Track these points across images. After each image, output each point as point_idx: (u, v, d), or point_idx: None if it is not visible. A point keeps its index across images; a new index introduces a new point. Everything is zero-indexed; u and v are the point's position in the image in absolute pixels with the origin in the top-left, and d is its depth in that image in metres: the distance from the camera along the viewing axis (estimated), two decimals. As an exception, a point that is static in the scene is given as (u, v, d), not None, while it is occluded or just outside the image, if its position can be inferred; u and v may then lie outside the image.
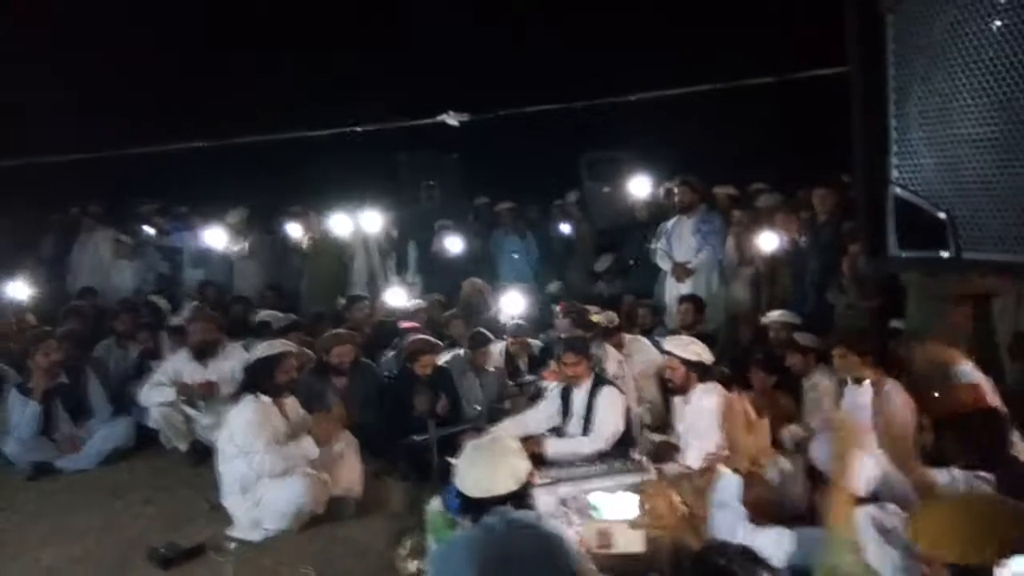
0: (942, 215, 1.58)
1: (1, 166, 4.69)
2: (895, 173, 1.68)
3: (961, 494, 2.78)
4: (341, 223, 8.34)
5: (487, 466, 2.73)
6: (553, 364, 5.14)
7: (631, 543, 3.42)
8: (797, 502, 3.24)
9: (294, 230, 8.67)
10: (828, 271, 6.23)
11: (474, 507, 2.71)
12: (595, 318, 5.47)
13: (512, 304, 6.64)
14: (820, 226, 6.52)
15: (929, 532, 2.04)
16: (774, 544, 2.73)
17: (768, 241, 6.75)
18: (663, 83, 4.67)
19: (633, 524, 3.37)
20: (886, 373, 4.28)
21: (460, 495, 2.77)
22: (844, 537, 2.42)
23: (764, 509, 3.21)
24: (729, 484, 3.05)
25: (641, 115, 7.70)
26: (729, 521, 2.98)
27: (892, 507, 2.72)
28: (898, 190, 1.66)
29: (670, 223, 7.26)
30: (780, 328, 5.73)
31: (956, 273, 1.88)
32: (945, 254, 1.58)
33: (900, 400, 4.12)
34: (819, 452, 3.12)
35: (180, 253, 9.10)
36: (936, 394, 3.55)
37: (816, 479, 3.06)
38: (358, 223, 8.42)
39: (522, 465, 2.78)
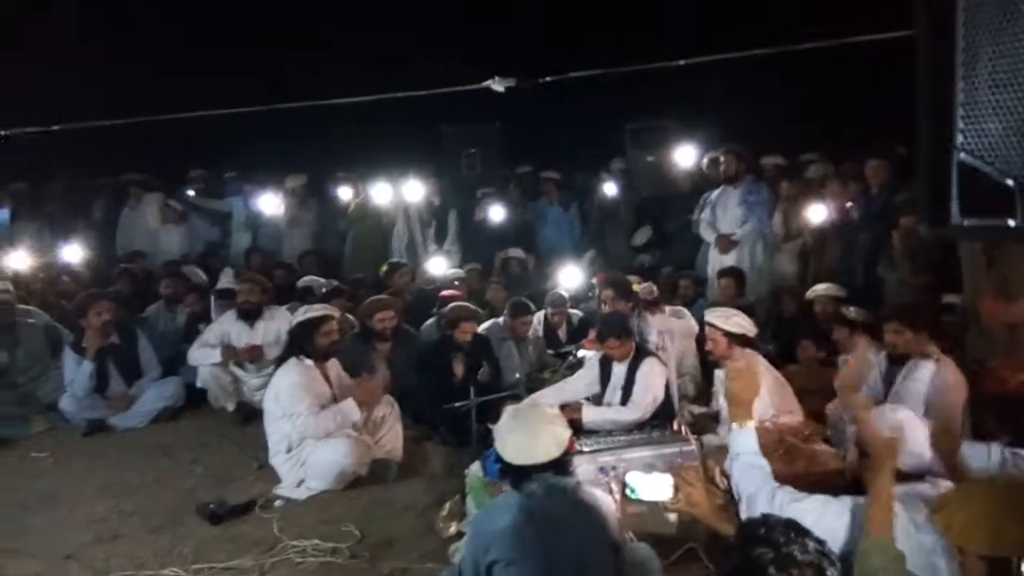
0: (1010, 182, 1.51)
1: (52, 130, 4.79)
2: (960, 138, 1.61)
3: (992, 479, 2.65)
4: (383, 192, 8.41)
5: (529, 433, 2.73)
6: (592, 333, 5.13)
7: (663, 526, 3.43)
8: (849, 473, 3.19)
9: (344, 193, 8.79)
10: (879, 244, 6.07)
11: (515, 473, 2.72)
12: (634, 288, 5.43)
13: (570, 278, 6.62)
14: (872, 198, 6.35)
15: (958, 520, 1.92)
16: (816, 514, 2.65)
17: (817, 213, 6.60)
18: (709, 49, 4.54)
19: (667, 508, 3.36)
20: (939, 348, 4.18)
21: (501, 461, 2.78)
22: (882, 541, 2.31)
23: (803, 480, 3.18)
24: (743, 438, 2.92)
25: (687, 83, 7.52)
26: (751, 476, 2.87)
27: (945, 484, 2.65)
28: (963, 156, 1.60)
29: (714, 193, 7.13)
30: (827, 302, 5.63)
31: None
32: (1012, 222, 1.52)
33: (952, 378, 4.03)
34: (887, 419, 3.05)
35: (230, 218, 9.27)
36: (990, 370, 3.47)
37: (865, 452, 3.00)
38: (399, 191, 8.47)
39: (563, 432, 2.78)
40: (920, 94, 1.68)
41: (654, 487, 3.44)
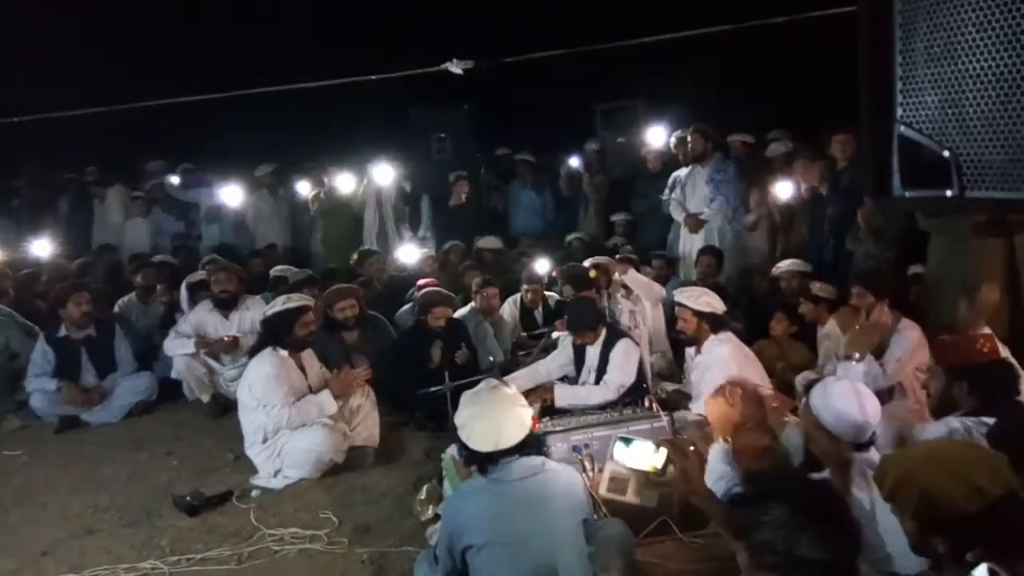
0: (946, 153, 1.55)
1: (17, 122, 4.72)
2: (900, 111, 1.64)
3: (929, 442, 2.61)
4: (348, 183, 8.38)
5: (494, 419, 2.70)
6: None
7: (644, 497, 3.46)
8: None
9: (303, 188, 8.75)
10: (847, 218, 6.14)
11: (482, 459, 2.71)
12: (592, 273, 5.45)
13: (541, 266, 6.65)
14: (839, 173, 6.41)
15: (889, 479, 1.88)
16: None
17: (784, 190, 6.66)
18: (675, 26, 4.57)
19: (652, 481, 3.38)
20: (903, 315, 4.27)
21: (467, 450, 2.72)
22: None
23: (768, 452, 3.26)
24: (720, 454, 3.11)
25: (656, 62, 7.55)
26: (724, 488, 3.04)
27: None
28: (903, 128, 1.63)
29: (683, 172, 7.19)
30: (791, 277, 5.71)
31: (959, 212, 1.84)
32: (949, 193, 1.56)
33: (915, 336, 4.14)
34: (816, 400, 3.11)
35: (196, 209, 9.19)
36: (950, 341, 3.53)
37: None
38: (369, 177, 8.42)
39: (525, 412, 2.79)
40: (861, 69, 1.71)
41: (643, 456, 3.45)
